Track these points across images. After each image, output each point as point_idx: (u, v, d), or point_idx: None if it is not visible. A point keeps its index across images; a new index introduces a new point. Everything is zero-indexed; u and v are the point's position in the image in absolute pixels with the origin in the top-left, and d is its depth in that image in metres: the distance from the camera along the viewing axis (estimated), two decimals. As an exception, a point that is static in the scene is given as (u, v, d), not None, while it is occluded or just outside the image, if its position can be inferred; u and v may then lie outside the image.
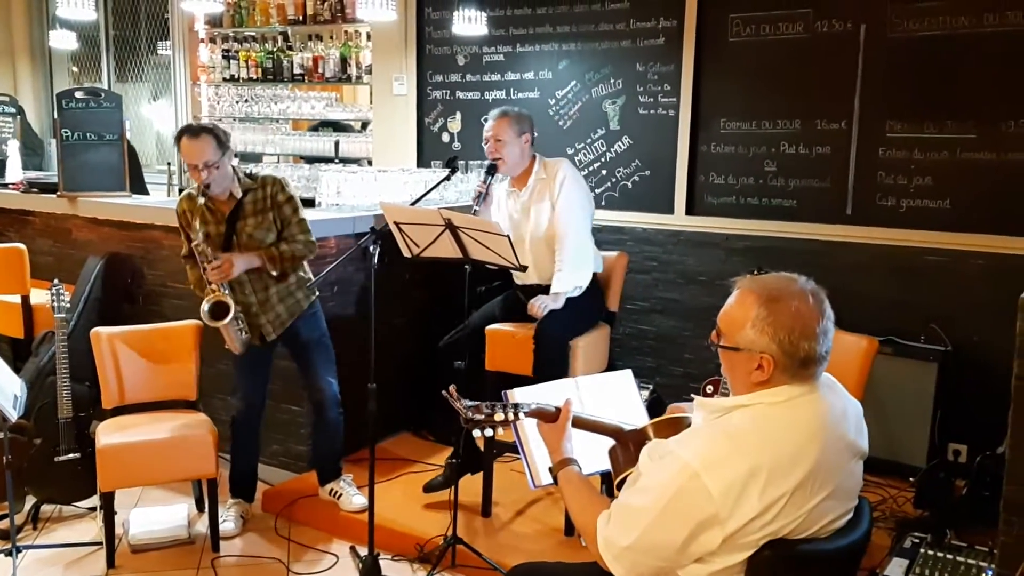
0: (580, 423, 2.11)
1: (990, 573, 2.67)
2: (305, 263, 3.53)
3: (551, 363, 3.55)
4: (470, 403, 2.09)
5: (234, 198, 3.35)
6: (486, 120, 3.84)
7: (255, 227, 3.36)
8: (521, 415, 2.08)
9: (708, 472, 1.64)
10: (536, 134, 3.87)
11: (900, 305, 4.04)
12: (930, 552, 2.83)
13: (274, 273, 3.39)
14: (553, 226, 3.72)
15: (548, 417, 2.08)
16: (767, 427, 1.70)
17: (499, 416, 2.06)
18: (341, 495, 3.63)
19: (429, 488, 3.60)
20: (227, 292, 3.28)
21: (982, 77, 3.84)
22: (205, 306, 3.26)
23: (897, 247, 4.06)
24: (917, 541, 2.93)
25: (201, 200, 3.28)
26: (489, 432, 2.13)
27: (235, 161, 3.42)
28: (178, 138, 3.31)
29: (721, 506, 1.64)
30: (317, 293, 3.60)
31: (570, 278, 3.68)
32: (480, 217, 3.58)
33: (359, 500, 3.56)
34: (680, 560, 1.72)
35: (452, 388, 2.11)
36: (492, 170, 3.77)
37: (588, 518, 1.86)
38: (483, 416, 2.06)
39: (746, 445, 1.68)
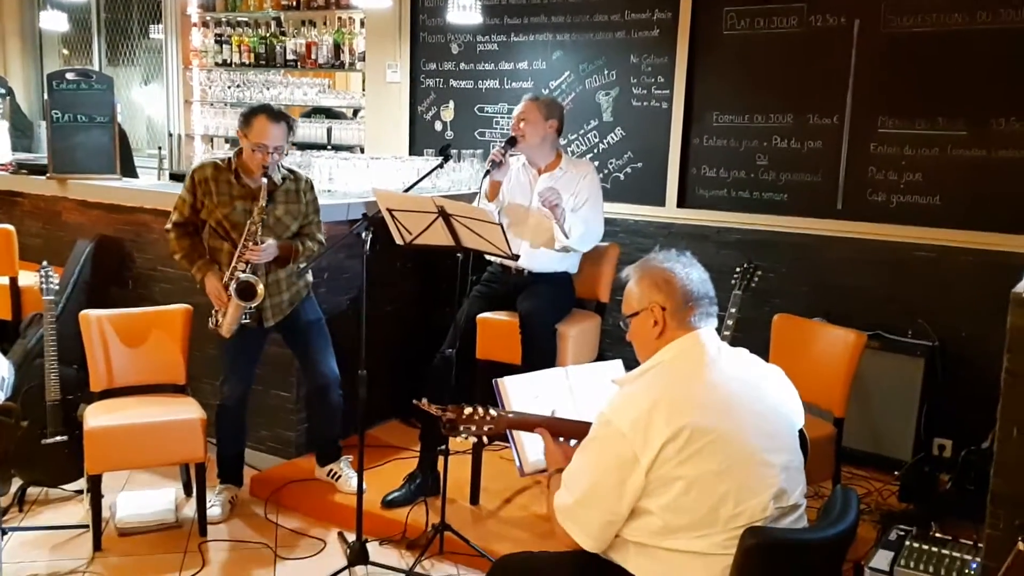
0: (560, 429, 2.22)
1: (974, 566, 2.70)
2: None
3: (539, 349, 3.55)
4: (441, 407, 2.21)
5: (273, 183, 3.35)
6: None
7: (284, 212, 3.41)
8: (492, 412, 2.22)
9: (618, 416, 1.89)
10: (563, 125, 3.84)
11: (888, 300, 4.06)
12: (915, 545, 2.85)
13: (291, 265, 3.42)
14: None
15: (512, 424, 2.23)
16: (663, 373, 1.98)
17: (468, 410, 2.19)
18: (340, 476, 3.64)
19: (389, 504, 3.49)
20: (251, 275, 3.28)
21: (974, 74, 3.86)
22: (241, 277, 3.24)
23: (886, 242, 4.08)
24: (902, 534, 2.95)
25: (262, 197, 3.26)
26: (472, 438, 2.23)
27: None
28: (254, 113, 3.28)
29: (633, 440, 1.84)
30: (311, 280, 3.60)
31: (578, 232, 3.65)
32: (492, 180, 3.66)
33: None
34: (620, 508, 1.88)
35: (424, 400, 2.27)
36: (512, 142, 3.72)
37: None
38: (456, 416, 2.18)
39: (646, 388, 1.95)
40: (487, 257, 3.80)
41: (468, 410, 2.20)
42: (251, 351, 3.54)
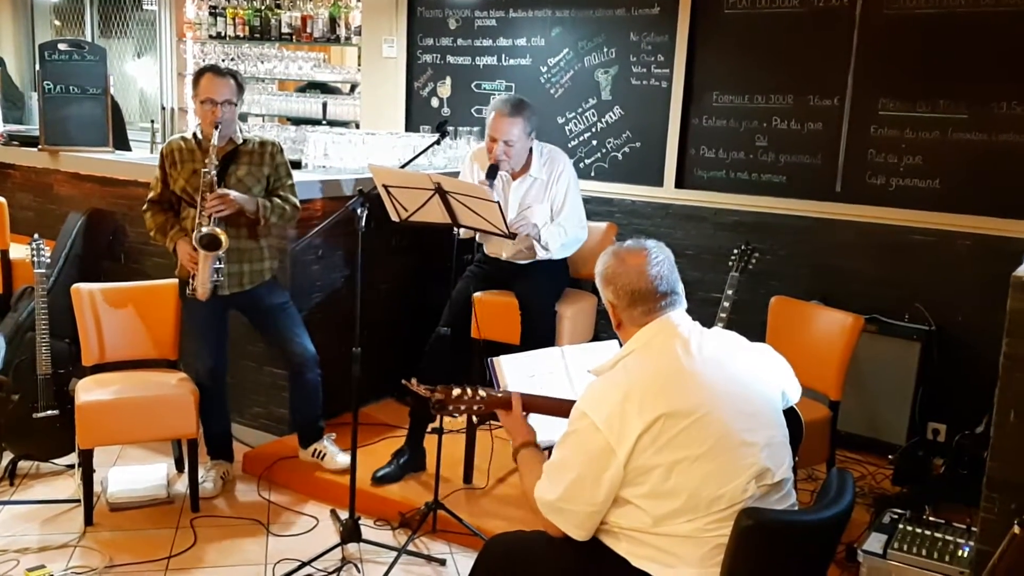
0: (535, 406, 2.23)
1: (967, 549, 2.70)
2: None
3: (540, 331, 3.53)
4: (429, 388, 2.22)
5: (233, 143, 3.36)
6: (490, 111, 3.50)
7: (246, 173, 3.37)
8: (481, 392, 2.22)
9: (593, 410, 1.89)
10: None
11: (886, 283, 4.05)
12: (908, 528, 2.85)
13: (261, 223, 3.37)
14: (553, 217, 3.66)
15: (500, 403, 2.23)
16: (634, 364, 1.98)
17: (457, 391, 2.20)
18: (325, 454, 3.62)
19: (379, 480, 3.49)
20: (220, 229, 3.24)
21: (976, 57, 3.83)
22: (204, 229, 3.20)
23: (885, 225, 4.06)
24: (896, 517, 2.94)
25: (213, 140, 3.23)
26: (462, 417, 2.26)
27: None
28: (201, 73, 3.34)
29: (608, 434, 1.85)
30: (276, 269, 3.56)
31: (557, 243, 3.59)
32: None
33: (343, 459, 3.54)
34: (600, 499, 1.88)
35: (413, 380, 2.28)
36: (493, 173, 3.43)
37: (532, 489, 2.02)
38: (444, 397, 2.20)
39: (617, 380, 1.95)
40: (478, 241, 3.78)
41: (457, 391, 2.21)
42: (211, 328, 3.47)
